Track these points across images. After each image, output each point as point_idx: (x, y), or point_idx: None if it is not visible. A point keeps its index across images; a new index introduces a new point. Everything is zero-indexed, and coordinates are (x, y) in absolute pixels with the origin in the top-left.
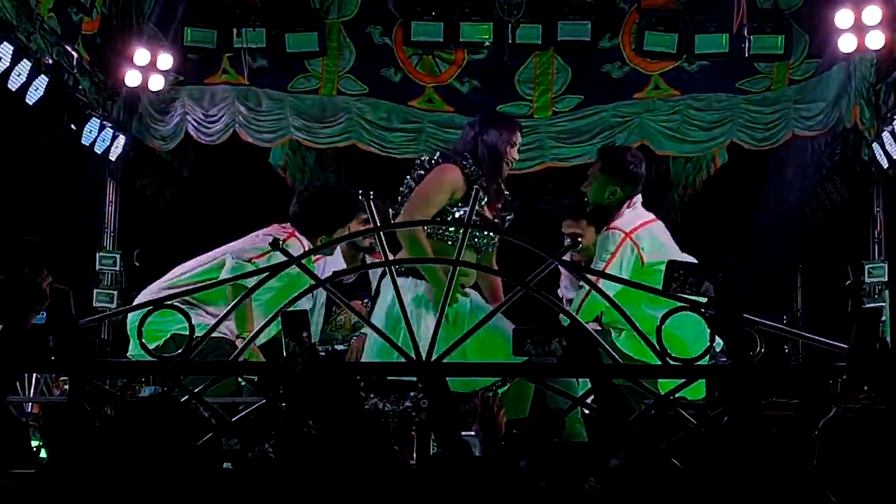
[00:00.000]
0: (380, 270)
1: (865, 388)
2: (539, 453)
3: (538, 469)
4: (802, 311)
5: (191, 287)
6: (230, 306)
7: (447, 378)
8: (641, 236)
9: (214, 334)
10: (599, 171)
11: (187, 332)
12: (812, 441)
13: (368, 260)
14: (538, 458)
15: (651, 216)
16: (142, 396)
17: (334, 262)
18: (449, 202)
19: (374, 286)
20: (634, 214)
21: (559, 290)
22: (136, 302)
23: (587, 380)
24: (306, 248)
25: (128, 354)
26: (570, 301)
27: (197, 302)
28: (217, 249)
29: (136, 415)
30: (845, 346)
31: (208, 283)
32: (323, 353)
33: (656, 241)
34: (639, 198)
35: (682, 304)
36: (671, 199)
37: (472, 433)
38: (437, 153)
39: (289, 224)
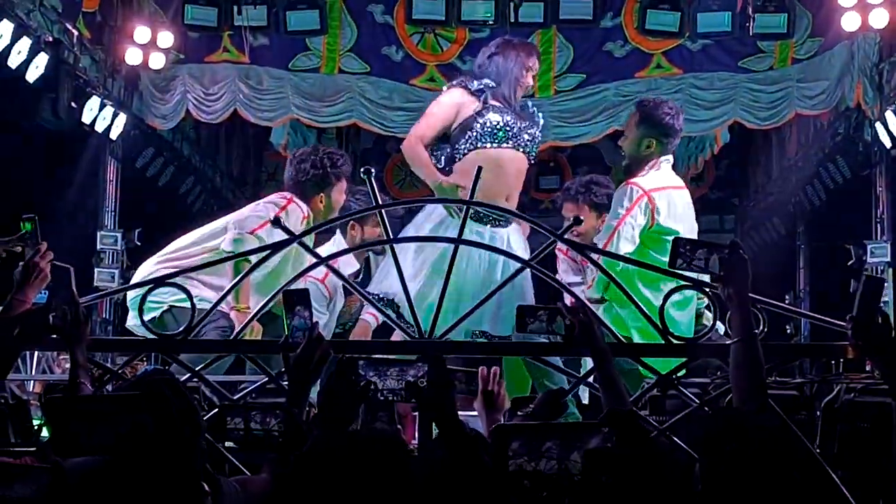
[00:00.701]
0: None
1: (868, 366)
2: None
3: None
4: (805, 290)
5: (194, 264)
6: (234, 282)
7: None
8: (660, 197)
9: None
10: (636, 123)
11: (184, 305)
12: (814, 420)
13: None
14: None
15: (679, 183)
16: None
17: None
18: (456, 122)
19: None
20: (659, 175)
21: (558, 274)
22: (135, 274)
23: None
24: (305, 215)
25: (127, 325)
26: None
27: (193, 273)
28: (219, 219)
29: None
30: (846, 324)
31: (212, 260)
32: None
33: (674, 208)
34: (668, 160)
35: (685, 283)
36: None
37: (475, 413)
38: None
39: (287, 192)
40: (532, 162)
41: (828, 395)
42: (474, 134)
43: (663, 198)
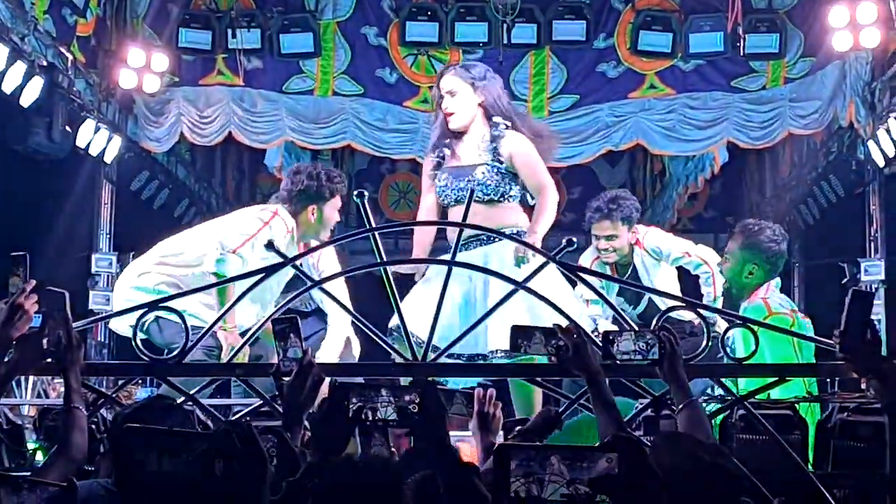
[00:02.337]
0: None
1: (862, 385)
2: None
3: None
4: (800, 308)
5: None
6: (227, 306)
7: None
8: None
9: (195, 322)
10: (739, 248)
11: (170, 316)
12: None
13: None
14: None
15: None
16: (137, 398)
17: (327, 255)
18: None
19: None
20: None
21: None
22: (120, 277)
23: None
24: (289, 229)
25: (110, 326)
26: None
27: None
28: (205, 230)
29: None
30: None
31: (204, 284)
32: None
33: None
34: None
35: (678, 305)
36: (669, 197)
37: (469, 433)
38: None
39: (271, 204)
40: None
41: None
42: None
43: None
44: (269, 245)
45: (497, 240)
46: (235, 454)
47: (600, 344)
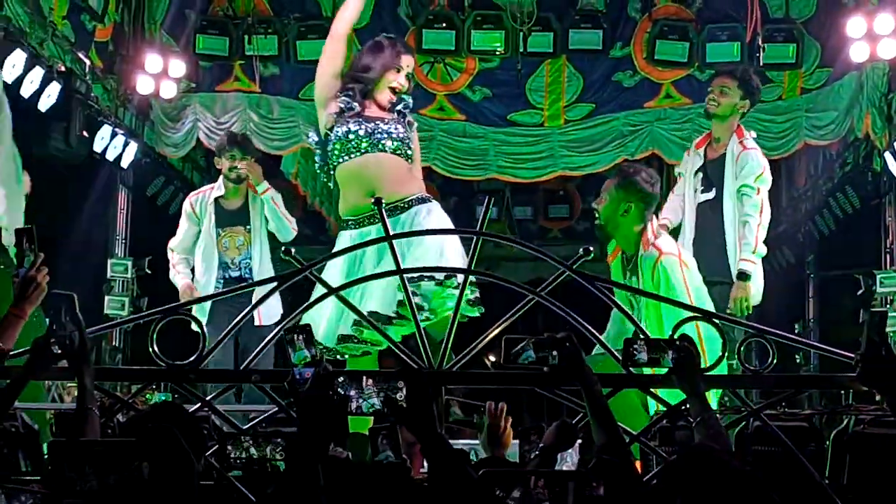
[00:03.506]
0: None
1: (877, 397)
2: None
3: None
4: (815, 320)
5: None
6: (245, 311)
7: None
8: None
9: None
10: (614, 186)
11: None
12: (824, 451)
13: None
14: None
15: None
16: (153, 403)
17: None
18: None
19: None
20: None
21: None
22: None
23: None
24: None
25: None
26: None
27: None
28: None
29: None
30: (854, 355)
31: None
32: None
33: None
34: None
35: (694, 315)
36: None
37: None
38: None
39: None
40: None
41: (837, 425)
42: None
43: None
44: (287, 252)
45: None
46: (159, 455)
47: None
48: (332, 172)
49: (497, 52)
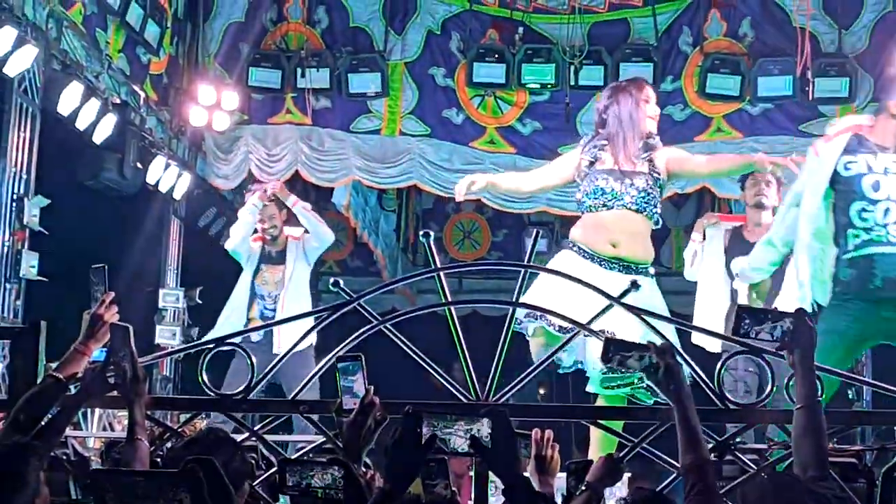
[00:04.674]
0: None
1: None
2: None
3: None
4: (868, 355)
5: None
6: (300, 337)
7: None
8: None
9: None
10: None
11: None
12: (874, 488)
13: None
14: None
15: None
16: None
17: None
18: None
19: None
20: None
21: None
22: None
23: None
24: None
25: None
26: None
27: None
28: None
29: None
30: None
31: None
32: None
33: None
34: None
35: (741, 349)
36: None
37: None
38: None
39: None
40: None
41: (887, 462)
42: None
43: None
44: (336, 283)
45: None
46: (202, 489)
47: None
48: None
49: (547, 86)
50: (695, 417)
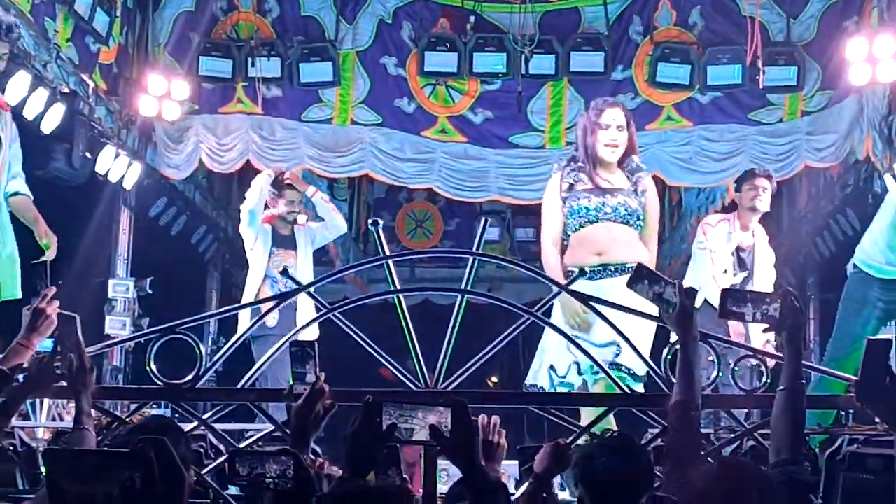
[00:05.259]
0: None
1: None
2: None
3: None
4: (815, 341)
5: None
6: (245, 329)
7: None
8: None
9: None
10: None
11: None
12: (818, 471)
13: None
14: None
15: None
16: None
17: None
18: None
19: None
20: None
21: None
22: None
23: None
24: None
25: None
26: None
27: None
28: None
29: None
30: (854, 378)
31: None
32: None
33: None
34: None
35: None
36: (684, 229)
37: None
38: None
39: None
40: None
41: (830, 446)
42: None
43: None
44: (284, 272)
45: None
46: (153, 468)
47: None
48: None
49: (499, 75)
50: (696, 359)
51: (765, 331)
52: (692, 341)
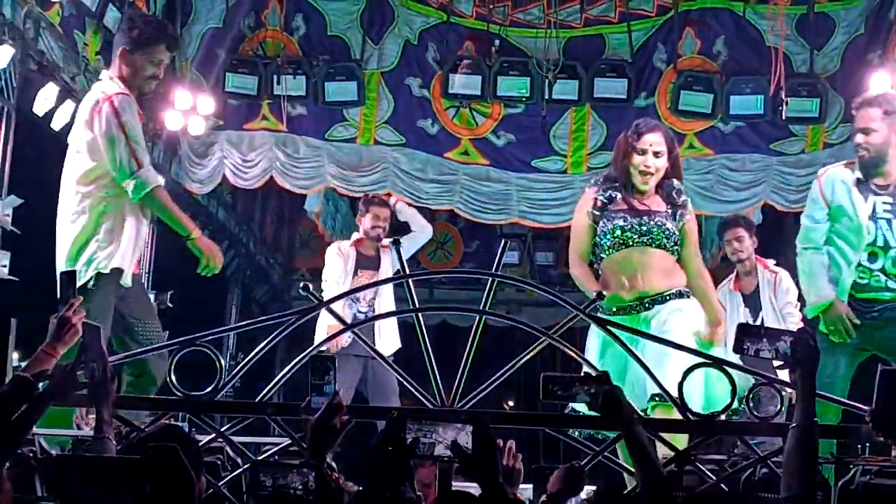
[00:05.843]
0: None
1: (893, 451)
2: None
3: None
4: None
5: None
6: (262, 345)
7: None
8: None
9: None
10: None
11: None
12: (831, 501)
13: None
14: None
15: None
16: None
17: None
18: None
19: None
20: None
21: None
22: None
23: None
24: None
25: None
26: None
27: None
28: None
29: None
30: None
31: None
32: None
33: None
34: None
35: (704, 361)
36: (705, 258)
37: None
38: None
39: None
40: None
41: (844, 475)
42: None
43: None
44: (305, 287)
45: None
46: (163, 475)
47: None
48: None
49: (522, 99)
50: (643, 437)
51: (779, 367)
52: (631, 423)
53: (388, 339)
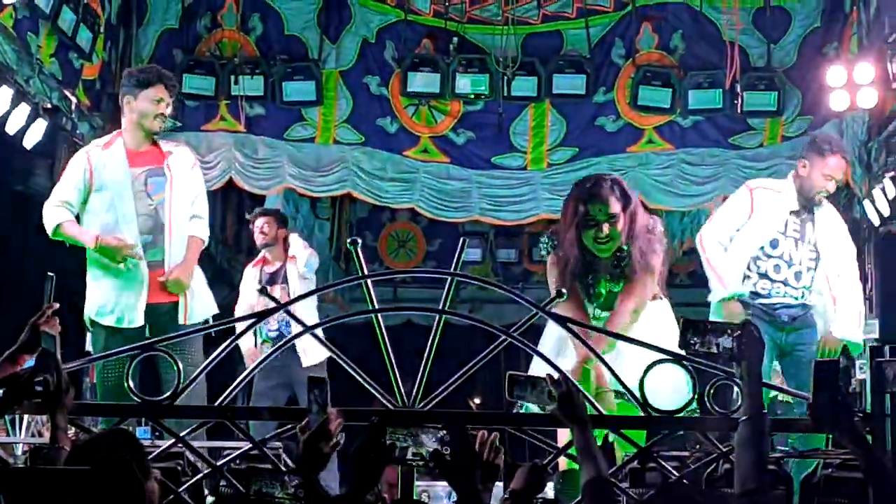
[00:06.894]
0: None
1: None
2: None
3: None
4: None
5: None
6: (222, 347)
7: None
8: None
9: None
10: None
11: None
12: (792, 494)
13: None
14: None
15: None
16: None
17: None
18: None
19: None
20: None
21: None
22: None
23: None
24: None
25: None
26: None
27: None
28: None
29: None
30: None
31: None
32: None
33: None
34: None
35: (665, 357)
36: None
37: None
38: None
39: None
40: None
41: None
42: None
43: None
44: (262, 290)
45: None
46: (114, 485)
47: None
48: None
49: (481, 96)
50: (592, 441)
51: (724, 361)
52: (585, 426)
53: (312, 352)
